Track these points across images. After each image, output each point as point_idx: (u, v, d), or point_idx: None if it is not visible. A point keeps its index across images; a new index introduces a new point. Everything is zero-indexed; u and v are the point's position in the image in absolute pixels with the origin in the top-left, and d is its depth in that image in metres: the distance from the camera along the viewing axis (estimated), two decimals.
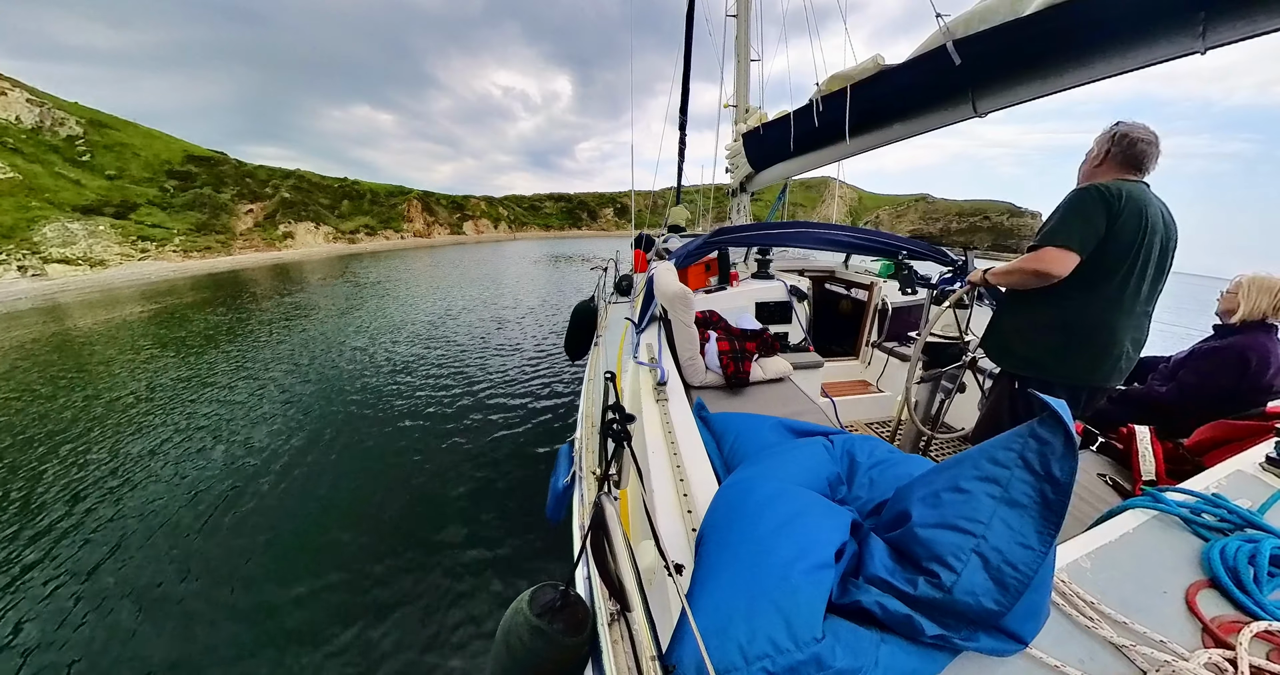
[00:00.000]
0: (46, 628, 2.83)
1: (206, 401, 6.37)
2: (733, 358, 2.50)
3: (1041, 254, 1.58)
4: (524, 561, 3.32)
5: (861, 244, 3.43)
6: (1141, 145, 1.56)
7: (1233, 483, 1.14)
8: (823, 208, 77.66)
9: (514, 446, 5.02)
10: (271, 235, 34.52)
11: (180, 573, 3.26)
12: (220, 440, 5.23)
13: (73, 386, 7.06)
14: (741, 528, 0.86)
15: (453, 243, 52.32)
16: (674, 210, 8.44)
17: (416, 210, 52.44)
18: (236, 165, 37.75)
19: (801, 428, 1.58)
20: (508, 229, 66.53)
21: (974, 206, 73.35)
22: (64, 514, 3.93)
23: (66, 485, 4.37)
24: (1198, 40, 1.42)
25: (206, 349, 9.07)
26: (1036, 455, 0.70)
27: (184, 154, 34.71)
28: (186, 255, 27.07)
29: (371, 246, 42.26)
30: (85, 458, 4.89)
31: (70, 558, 3.44)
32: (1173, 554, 0.91)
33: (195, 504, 4.06)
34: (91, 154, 29.33)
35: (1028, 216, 69.50)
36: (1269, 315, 1.74)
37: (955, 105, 2.38)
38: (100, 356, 8.77)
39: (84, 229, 23.26)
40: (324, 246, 38.19)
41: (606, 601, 0.75)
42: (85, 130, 30.38)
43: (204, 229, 29.69)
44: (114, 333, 10.74)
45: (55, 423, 5.77)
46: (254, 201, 35.44)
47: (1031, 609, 0.69)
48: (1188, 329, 13.58)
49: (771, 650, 0.63)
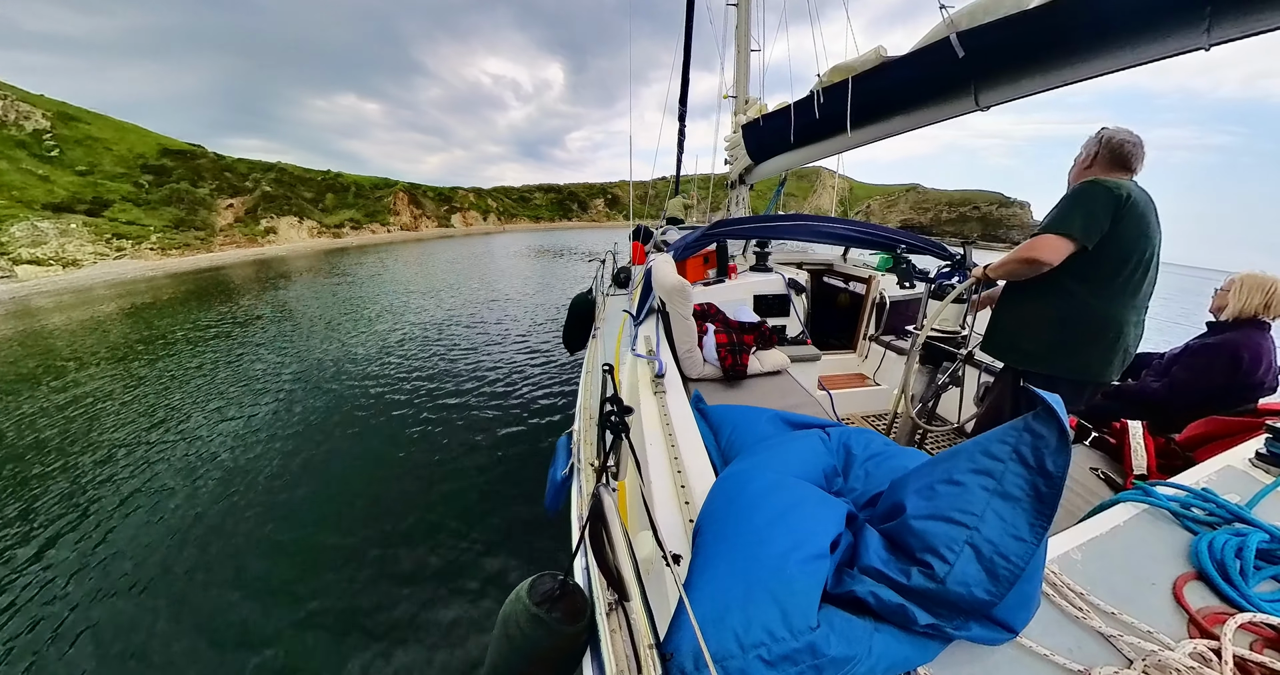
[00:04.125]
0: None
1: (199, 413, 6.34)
2: (730, 350, 2.54)
3: (1035, 242, 1.63)
4: (522, 552, 3.40)
5: (860, 237, 3.48)
6: (1127, 146, 1.62)
7: (1223, 478, 1.17)
8: (815, 198, 78.33)
9: (512, 438, 5.13)
10: (253, 231, 34.10)
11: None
12: (205, 440, 5.23)
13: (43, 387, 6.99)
14: (738, 519, 0.88)
15: (440, 235, 51.99)
16: (672, 202, 8.46)
17: (403, 203, 51.98)
18: (215, 159, 37.18)
19: (798, 420, 1.61)
20: (497, 221, 66.15)
21: (964, 197, 74.06)
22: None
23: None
24: (1203, 36, 1.45)
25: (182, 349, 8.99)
26: (1030, 449, 0.73)
27: (159, 148, 34.09)
28: (165, 253, 26.64)
29: (357, 240, 41.92)
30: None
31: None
32: (1162, 547, 0.94)
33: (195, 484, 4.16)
34: (60, 149, 28.59)
35: (1016, 207, 70.61)
36: (1261, 313, 1.78)
37: (957, 98, 2.41)
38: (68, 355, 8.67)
39: (55, 228, 22.72)
40: (308, 241, 37.80)
41: (605, 591, 0.77)
42: (53, 124, 29.64)
43: (182, 225, 29.22)
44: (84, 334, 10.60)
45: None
46: (234, 196, 34.95)
47: (1022, 599, 0.72)
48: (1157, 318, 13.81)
49: (767, 638, 0.65)
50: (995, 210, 70.57)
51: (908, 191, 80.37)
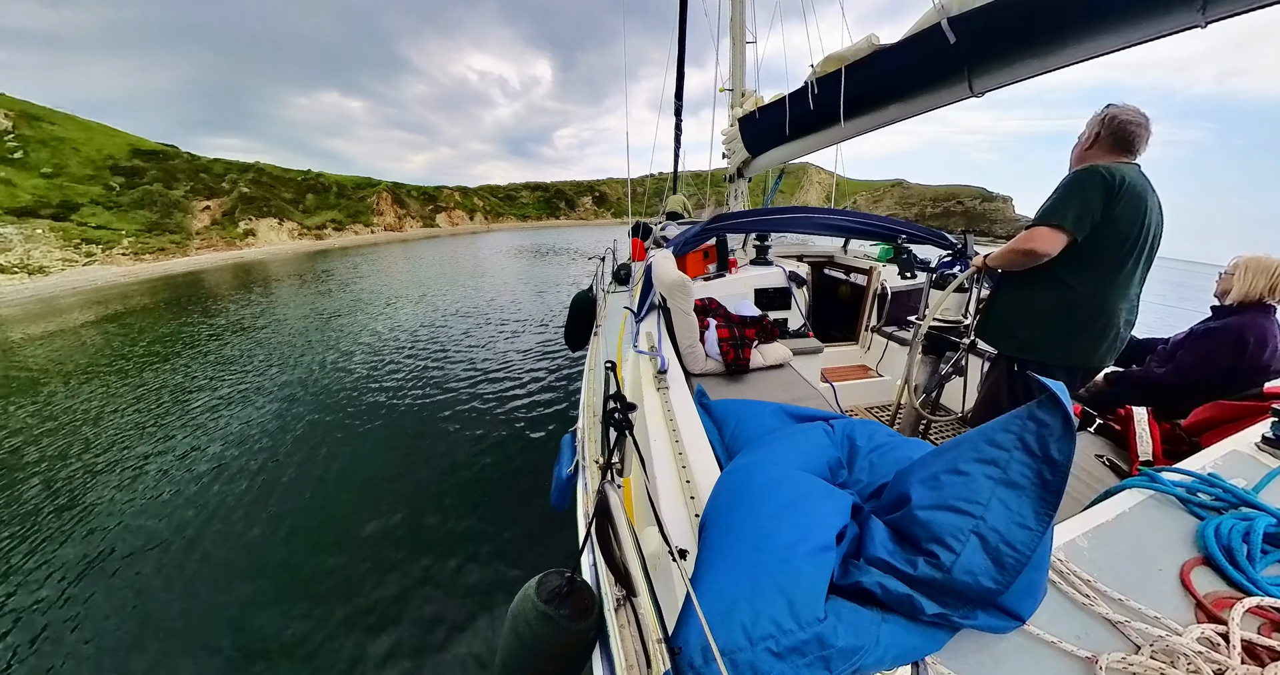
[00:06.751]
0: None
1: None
2: (732, 345, 2.57)
3: (1032, 233, 1.66)
4: (530, 549, 3.47)
5: (860, 228, 3.50)
6: (1131, 127, 1.61)
7: (1229, 462, 1.19)
8: (802, 194, 79.05)
9: (517, 437, 5.23)
10: (231, 233, 33.75)
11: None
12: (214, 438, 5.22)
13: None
14: (744, 512, 0.90)
15: (425, 236, 51.71)
16: (671, 198, 8.47)
17: (386, 203, 51.64)
18: (189, 159, 36.76)
19: (802, 413, 1.64)
20: (483, 220, 65.87)
21: (947, 191, 75.42)
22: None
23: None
24: (1198, 14, 1.45)
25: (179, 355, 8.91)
26: (1035, 437, 0.74)
27: (130, 148, 33.64)
28: (138, 258, 26.27)
29: (340, 242, 41.57)
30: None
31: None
32: (1168, 533, 0.96)
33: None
34: (24, 150, 28.13)
35: (999, 201, 72.29)
36: (1266, 296, 1.81)
37: (951, 85, 2.44)
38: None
39: (19, 233, 22.33)
40: (289, 243, 37.46)
41: (612, 587, 0.79)
42: (15, 124, 29.08)
43: (156, 229, 28.83)
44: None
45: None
46: (210, 198, 34.55)
47: (1029, 587, 0.73)
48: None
49: (775, 631, 0.67)
50: (978, 205, 72.00)
51: (893, 187, 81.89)
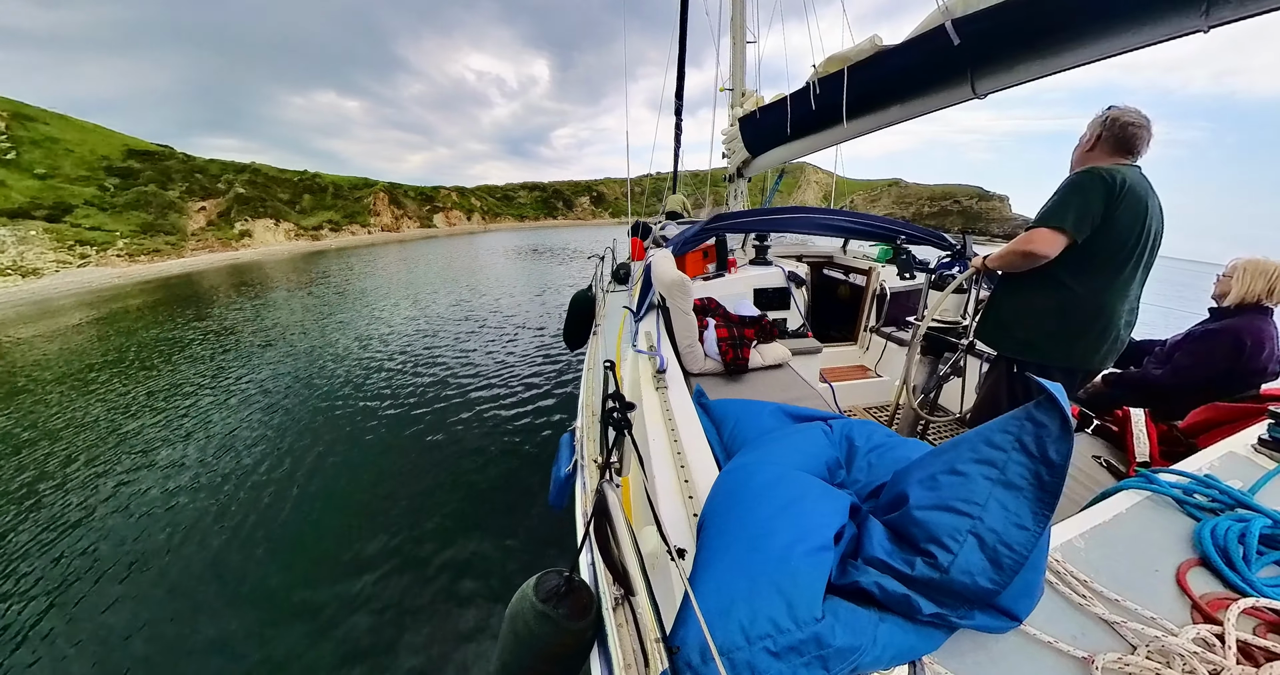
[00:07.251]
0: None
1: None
2: (731, 344, 2.58)
3: (1032, 235, 1.66)
4: (528, 549, 3.48)
5: (860, 229, 3.51)
6: (1132, 129, 1.63)
7: (1225, 464, 1.21)
8: (799, 193, 79.73)
9: (516, 436, 5.26)
10: (227, 234, 33.68)
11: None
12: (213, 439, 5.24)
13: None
14: (742, 512, 0.91)
15: (422, 236, 51.72)
16: (671, 197, 8.49)
17: (383, 203, 51.63)
18: (185, 159, 36.70)
19: (800, 413, 1.65)
20: (480, 220, 65.90)
21: (944, 191, 76.21)
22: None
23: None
24: (1201, 18, 1.46)
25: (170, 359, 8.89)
26: (1033, 438, 0.75)
27: (124, 149, 33.57)
28: (133, 259, 26.18)
29: (337, 242, 41.53)
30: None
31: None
32: (1165, 534, 0.97)
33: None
34: (17, 151, 27.98)
35: (995, 200, 73.10)
36: (1264, 298, 1.82)
37: (954, 86, 2.45)
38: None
39: (12, 234, 22.24)
40: (285, 244, 37.40)
41: (610, 586, 0.80)
42: (8, 125, 28.96)
43: (151, 230, 28.73)
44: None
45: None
46: (206, 198, 34.48)
47: (1026, 587, 0.74)
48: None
49: (773, 630, 0.68)
50: (975, 204, 72.74)
51: (890, 186, 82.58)
